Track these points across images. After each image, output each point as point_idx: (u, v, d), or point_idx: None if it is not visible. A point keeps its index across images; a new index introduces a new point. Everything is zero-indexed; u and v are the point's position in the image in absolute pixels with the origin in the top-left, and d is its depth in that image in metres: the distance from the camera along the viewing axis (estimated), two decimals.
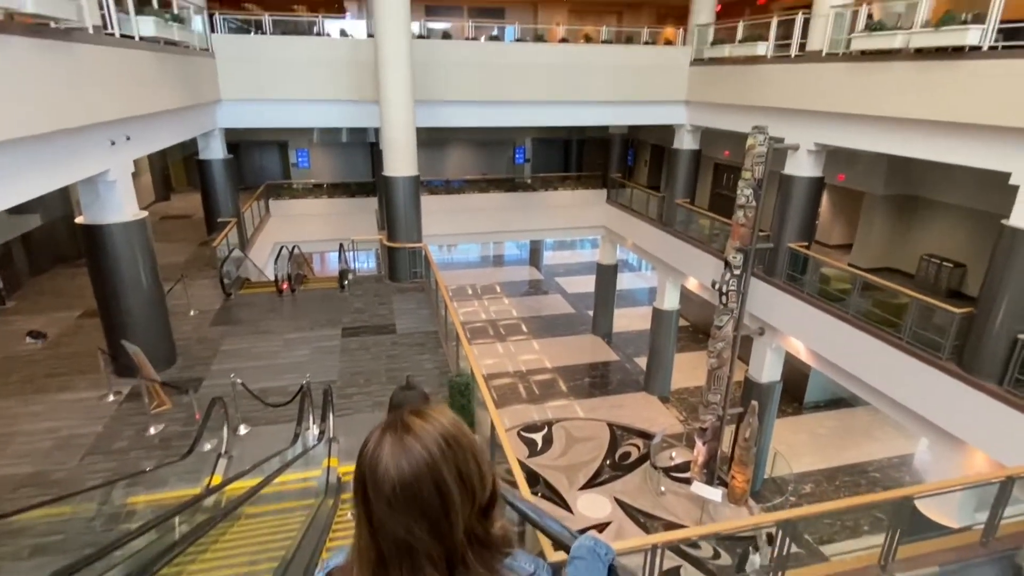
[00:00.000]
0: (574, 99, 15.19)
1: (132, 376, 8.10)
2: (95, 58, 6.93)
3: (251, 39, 13.26)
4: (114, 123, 7.73)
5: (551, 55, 14.81)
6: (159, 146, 9.85)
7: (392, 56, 11.54)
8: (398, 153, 12.20)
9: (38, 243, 13.24)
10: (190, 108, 11.26)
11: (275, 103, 13.49)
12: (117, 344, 8.19)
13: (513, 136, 23.99)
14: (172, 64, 9.76)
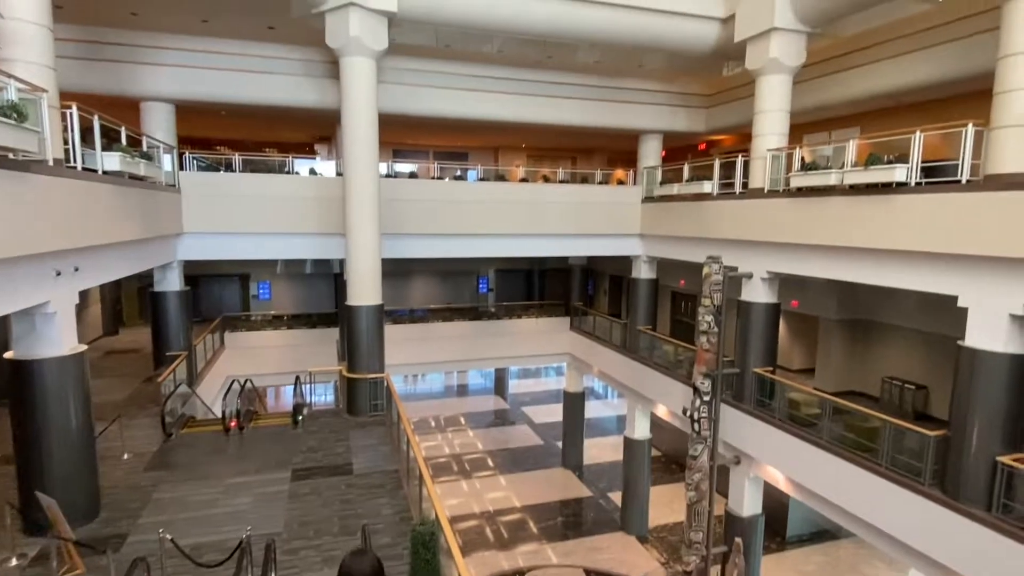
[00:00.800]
0: (534, 232, 15.80)
1: (43, 534, 7.03)
2: (49, 189, 6.79)
3: (220, 176, 13.59)
4: (63, 253, 7.44)
5: (512, 193, 15.62)
6: (111, 278, 9.50)
7: (360, 194, 11.86)
8: (363, 283, 12.12)
9: None
10: (149, 240, 11.12)
11: (239, 236, 13.53)
12: (31, 496, 7.19)
13: (477, 267, 24.54)
14: (134, 197, 9.74)
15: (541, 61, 14.80)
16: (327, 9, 10.93)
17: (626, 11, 12.39)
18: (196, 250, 13.42)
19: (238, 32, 12.84)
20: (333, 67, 13.74)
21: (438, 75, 14.69)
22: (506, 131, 18.64)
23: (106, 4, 11.33)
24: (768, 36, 11.66)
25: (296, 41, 13.42)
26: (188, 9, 11.55)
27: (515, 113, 15.62)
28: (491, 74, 15.10)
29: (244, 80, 13.39)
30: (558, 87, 15.73)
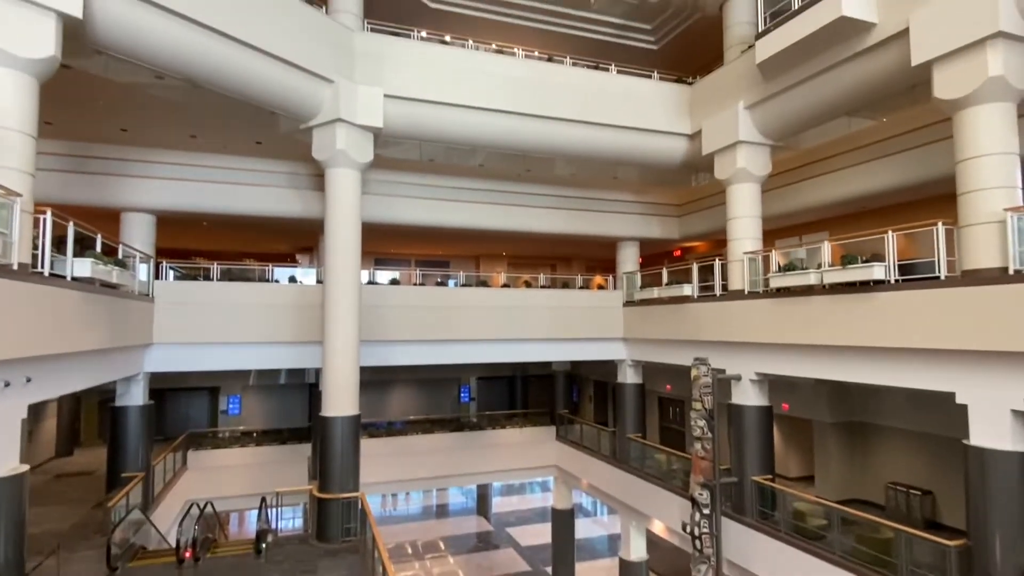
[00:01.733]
0: (517, 337, 15.59)
1: None
2: (8, 293, 6.45)
3: (195, 285, 13.35)
4: (15, 361, 6.93)
5: (494, 298, 15.59)
6: (68, 390, 8.85)
7: (340, 300, 11.65)
8: (339, 392, 11.55)
9: None
10: (114, 350, 10.58)
11: (213, 346, 13.03)
12: None
13: (458, 374, 23.96)
14: (103, 306, 9.37)
15: (520, 174, 15.42)
16: (315, 125, 11.35)
17: (599, 128, 13.17)
18: (165, 361, 12.80)
19: (225, 147, 13.23)
20: (318, 179, 14.11)
21: (420, 187, 15.18)
22: (487, 240, 19.03)
23: (96, 121, 11.65)
24: (734, 148, 12.35)
25: (281, 155, 13.85)
26: (178, 125, 11.92)
27: (495, 222, 16.02)
28: (472, 186, 15.65)
29: (229, 192, 13.60)
30: (537, 198, 16.31)
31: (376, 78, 11.57)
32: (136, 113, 11.34)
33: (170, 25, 8.59)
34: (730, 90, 12.54)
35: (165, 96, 9.94)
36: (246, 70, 9.75)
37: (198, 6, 8.78)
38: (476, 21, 14.52)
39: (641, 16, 15.10)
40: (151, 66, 8.96)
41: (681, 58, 15.79)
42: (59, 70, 8.68)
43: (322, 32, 10.99)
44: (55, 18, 7.28)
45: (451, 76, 12.11)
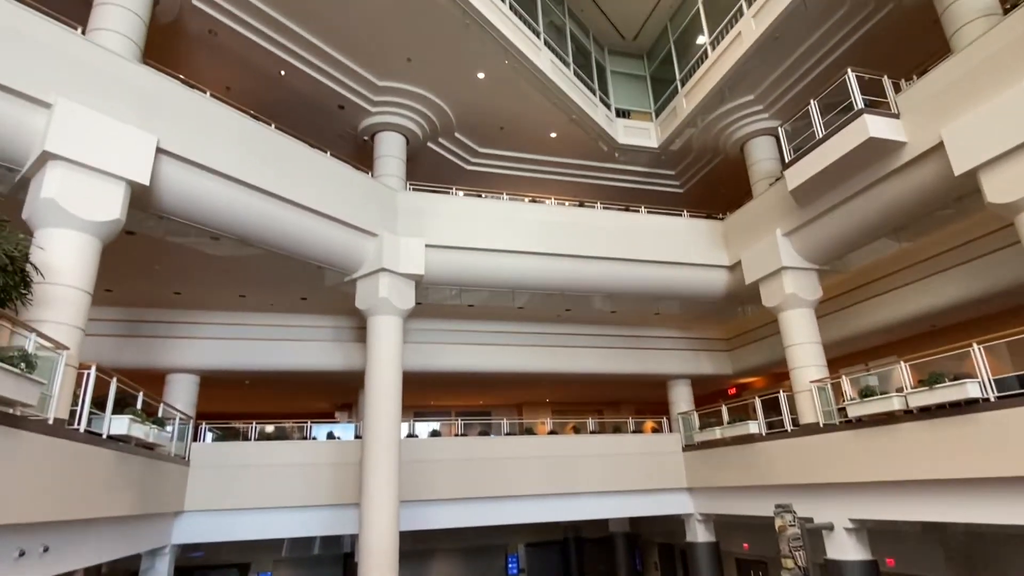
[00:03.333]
0: (567, 491, 14.23)
1: None
2: (39, 450, 6.14)
3: (229, 445, 12.88)
4: (33, 529, 6.39)
5: (541, 448, 14.55)
6: (88, 563, 8.09)
7: (380, 453, 11.00)
8: (378, 560, 10.37)
9: None
10: (141, 519, 9.90)
11: (246, 513, 12.17)
12: None
13: (504, 541, 21.74)
14: (136, 467, 8.93)
15: (560, 315, 15.28)
16: (359, 276, 11.64)
17: (634, 264, 13.19)
18: (195, 532, 11.90)
19: (272, 305, 13.60)
20: (359, 331, 14.19)
21: (460, 333, 15.09)
22: (529, 385, 18.42)
23: (152, 287, 12.23)
24: (779, 275, 12.07)
25: (325, 311, 14.12)
26: (229, 286, 12.40)
27: (537, 364, 15.57)
28: (512, 329, 15.50)
29: (273, 348, 13.72)
30: (579, 338, 15.98)
31: (417, 230, 12.06)
32: (190, 277, 11.89)
33: (229, 190, 9.23)
34: (765, 220, 12.60)
35: (219, 253, 10.39)
36: (298, 228, 10.27)
37: (257, 173, 9.51)
38: (510, 178, 15.50)
39: (665, 163, 15.91)
40: (209, 228, 9.49)
41: (706, 197, 16.29)
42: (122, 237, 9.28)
43: (368, 193, 11.73)
44: (124, 185, 7.85)
45: (487, 224, 12.57)
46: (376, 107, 13.05)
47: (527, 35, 12.62)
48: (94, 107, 7.79)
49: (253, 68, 11.78)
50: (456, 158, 15.01)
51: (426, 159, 14.57)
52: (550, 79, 12.98)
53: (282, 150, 10.34)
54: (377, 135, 13.34)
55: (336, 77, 12.24)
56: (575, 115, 14.01)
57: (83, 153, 7.51)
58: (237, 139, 9.55)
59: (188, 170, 8.76)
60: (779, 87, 12.97)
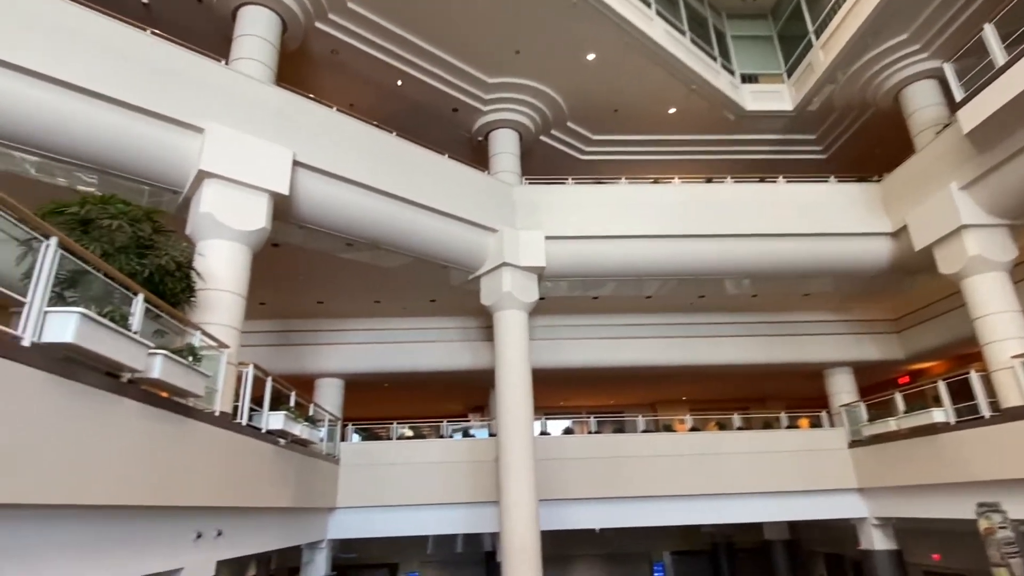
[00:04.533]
0: (713, 492, 13.12)
1: None
2: (208, 439, 6.63)
3: (375, 444, 13.49)
4: (207, 512, 6.93)
5: (682, 445, 13.60)
6: (255, 550, 8.71)
7: (515, 447, 10.87)
8: (521, 560, 10.18)
9: None
10: (300, 512, 10.55)
11: (392, 510, 12.62)
12: None
13: (648, 547, 20.74)
14: (293, 463, 9.51)
15: (693, 302, 14.28)
16: (483, 273, 11.67)
17: (776, 240, 11.96)
18: (348, 527, 12.55)
19: (404, 309, 14.09)
20: (486, 331, 14.25)
21: (588, 327, 14.65)
22: (663, 382, 17.47)
23: (297, 297, 13.18)
24: (959, 236, 10.30)
25: (453, 312, 14.39)
26: (364, 292, 13.02)
27: (672, 357, 14.66)
28: (643, 321, 14.76)
29: (407, 351, 14.23)
30: (718, 327, 14.83)
31: (535, 223, 11.87)
32: (330, 285, 12.64)
33: (359, 197, 9.68)
34: (935, 174, 10.85)
35: (354, 258, 10.87)
36: (424, 228, 10.56)
37: (383, 179, 9.91)
38: (627, 164, 14.87)
39: (802, 127, 14.39)
40: (343, 234, 10.00)
41: (855, 160, 14.47)
42: (269, 249, 10.03)
43: (486, 190, 11.80)
44: (267, 197, 8.46)
45: (607, 211, 12.09)
46: (488, 105, 13.13)
47: (637, 6, 12.01)
48: (238, 128, 8.50)
49: (372, 82, 12.37)
50: (570, 148, 14.70)
51: (539, 153, 14.41)
52: (665, 49, 12.24)
53: (405, 156, 10.70)
54: (491, 134, 13.42)
55: (449, 80, 12.50)
56: (695, 85, 13.10)
57: (232, 170, 8.19)
58: (364, 148, 10.02)
59: (321, 180, 9.28)
60: (938, 20, 11.18)
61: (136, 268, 6.04)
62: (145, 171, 8.01)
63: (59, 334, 4.22)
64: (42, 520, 4.38)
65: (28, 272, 4.23)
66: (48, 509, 4.38)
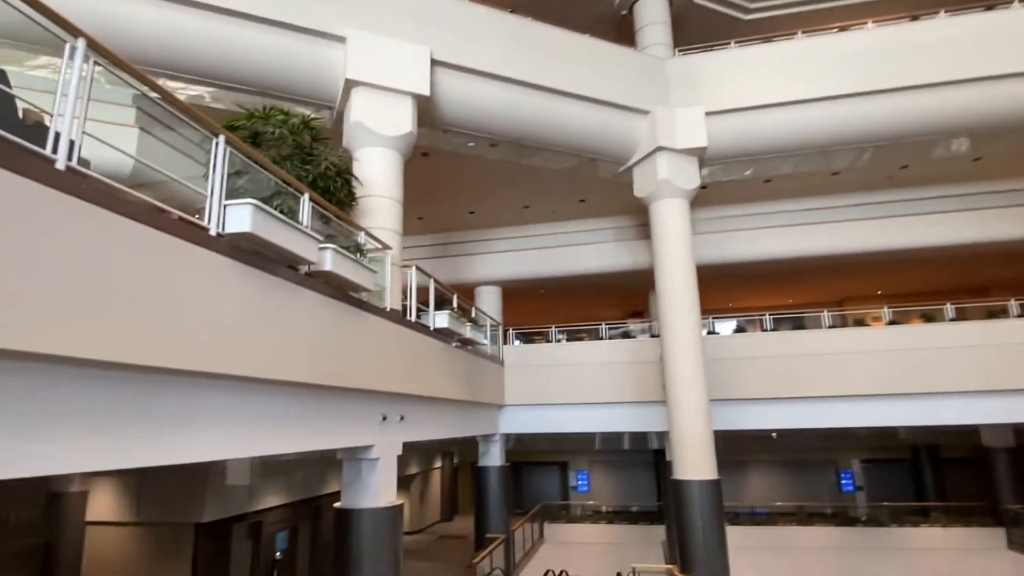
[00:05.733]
0: (916, 390, 11.43)
1: None
2: (383, 332, 7.03)
3: (537, 347, 13.70)
4: (389, 398, 7.51)
5: (877, 340, 11.92)
6: (434, 435, 9.43)
7: (682, 346, 10.31)
8: (692, 451, 9.86)
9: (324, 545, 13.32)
10: (472, 407, 11.20)
11: (557, 407, 12.96)
12: None
13: (834, 455, 19.31)
14: (461, 361, 9.98)
15: (892, 176, 12.06)
16: (635, 163, 10.83)
17: (1010, 82, 9.38)
18: (517, 423, 13.20)
19: (554, 213, 13.78)
20: (642, 229, 13.50)
21: (759, 216, 13.20)
22: (851, 274, 15.42)
23: (453, 210, 13.49)
24: None
25: (605, 212, 13.79)
26: (513, 198, 12.90)
27: (861, 243, 12.74)
28: (827, 204, 12.92)
29: (560, 255, 14.08)
30: (921, 203, 12.51)
31: (693, 98, 10.58)
32: (480, 193, 12.69)
33: (500, 91, 9.29)
34: None
35: (500, 158, 10.62)
36: (569, 118, 9.93)
37: (524, 68, 9.37)
38: (801, 17, 12.55)
39: None
40: (487, 133, 9.78)
41: None
42: (419, 160, 10.17)
43: (634, 67, 10.70)
44: (410, 100, 8.43)
45: (781, 74, 10.32)
46: None
47: None
48: (377, 31, 8.45)
49: None
50: (730, 8, 12.74)
51: (694, 21, 12.68)
52: None
53: (542, 40, 9.99)
54: (636, 4, 12.02)
55: None
56: None
57: (375, 75, 8.25)
58: (499, 38, 9.51)
59: (460, 77, 9.03)
60: None
61: (300, 174, 6.36)
62: (301, 88, 8.37)
63: (238, 224, 4.51)
64: (245, 391, 4.92)
65: (205, 174, 4.55)
66: (250, 382, 4.90)
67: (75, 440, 3.42)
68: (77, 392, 3.42)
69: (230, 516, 10.50)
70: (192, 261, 4.04)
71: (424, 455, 20.86)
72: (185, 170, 4.54)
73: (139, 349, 3.50)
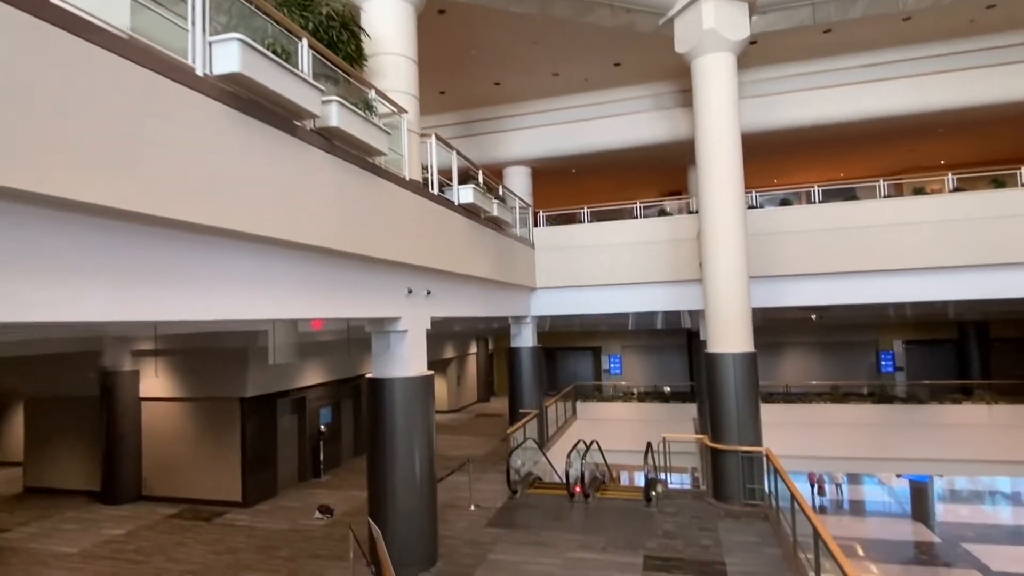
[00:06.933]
0: (977, 262, 10.64)
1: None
2: (403, 201, 6.67)
3: (568, 228, 13.22)
4: (416, 272, 7.31)
5: (936, 209, 10.97)
6: (465, 313, 9.34)
7: (721, 212, 9.66)
8: (727, 325, 9.57)
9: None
10: (502, 287, 11.03)
11: (590, 289, 12.72)
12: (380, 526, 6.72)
13: (875, 335, 18.91)
14: (489, 239, 9.65)
15: (974, 19, 10.51)
16: (676, 12, 9.65)
17: None
18: (548, 305, 13.09)
19: (586, 80, 12.71)
20: (682, 95, 12.44)
21: (814, 75, 11.87)
22: (911, 139, 14.13)
23: (476, 82, 12.56)
24: None
25: (641, 78, 12.64)
26: (541, 64, 11.87)
27: (930, 100, 11.39)
28: (891, 57, 11.45)
29: (594, 128, 13.19)
30: (1002, 52, 10.96)
31: None
32: (503, 61, 11.68)
33: None
34: None
35: (522, 10, 9.54)
36: None
37: None
38: None
39: None
40: None
41: None
42: (435, 20, 9.26)
43: None
44: None
45: None
46: None
47: None
48: None
49: None
50: None
51: None
52: None
53: None
54: None
55: None
56: None
57: None
58: None
59: None
60: None
61: (299, 22, 5.75)
62: None
63: (226, 64, 4.06)
64: (262, 252, 4.70)
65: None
66: (266, 243, 4.66)
67: (81, 288, 3.27)
68: (82, 240, 3.26)
69: (273, 392, 10.93)
70: (179, 102, 3.66)
71: (460, 341, 21.34)
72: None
73: (125, 193, 3.22)
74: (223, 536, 8.75)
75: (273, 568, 7.43)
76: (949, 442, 14.24)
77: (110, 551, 8.31)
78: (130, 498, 10.59)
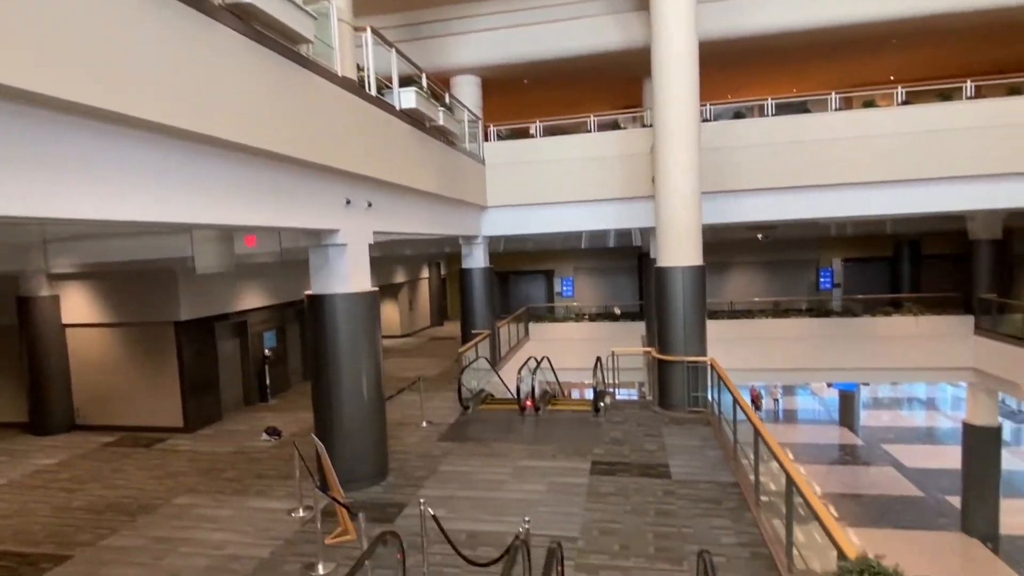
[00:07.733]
0: (919, 176, 10.85)
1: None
2: (335, 99, 6.06)
3: (519, 143, 12.76)
4: (353, 181, 6.81)
5: (885, 122, 11.03)
6: (409, 229, 8.91)
7: (675, 124, 9.40)
8: (677, 239, 9.53)
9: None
10: (450, 204, 10.59)
11: (542, 207, 12.41)
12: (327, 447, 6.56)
13: (815, 256, 19.55)
14: (434, 150, 9.10)
15: None
16: None
17: None
18: (499, 225, 12.76)
19: None
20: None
21: None
22: (866, 54, 14.02)
23: None
24: None
25: None
26: None
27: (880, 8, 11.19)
28: None
29: (545, 33, 12.50)
30: None
31: None
32: None
33: None
34: None
35: None
36: None
37: None
38: None
39: None
40: None
41: None
42: None
43: None
44: None
45: None
46: None
47: None
48: None
49: None
50: None
51: None
52: None
53: None
54: None
55: None
56: None
57: None
58: None
59: None
60: None
61: None
62: None
63: None
64: (164, 145, 4.12)
65: None
66: (168, 135, 4.08)
67: None
68: None
69: (210, 316, 10.40)
70: None
71: (412, 265, 20.91)
72: None
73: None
74: (164, 461, 8.48)
75: (218, 488, 7.26)
76: (879, 352, 15.09)
77: (42, 480, 7.94)
78: (62, 428, 10.09)
